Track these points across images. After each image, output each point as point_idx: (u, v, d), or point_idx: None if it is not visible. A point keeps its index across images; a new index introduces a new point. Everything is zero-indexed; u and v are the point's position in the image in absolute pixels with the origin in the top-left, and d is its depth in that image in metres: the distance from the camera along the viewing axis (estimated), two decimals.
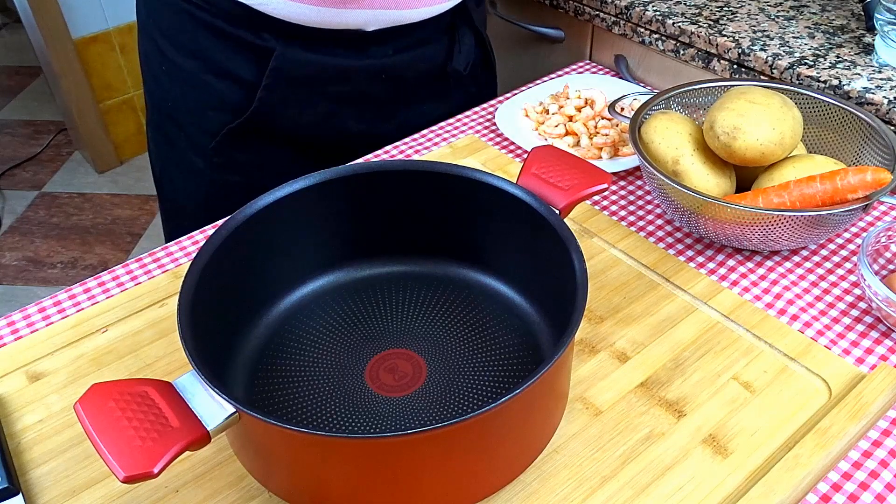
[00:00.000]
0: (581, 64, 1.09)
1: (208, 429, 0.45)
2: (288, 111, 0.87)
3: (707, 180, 0.72)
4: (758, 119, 0.69)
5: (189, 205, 0.94)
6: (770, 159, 0.71)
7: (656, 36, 1.02)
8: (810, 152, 0.79)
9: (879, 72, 0.87)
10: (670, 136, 0.73)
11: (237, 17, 0.81)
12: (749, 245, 0.72)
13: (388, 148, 0.90)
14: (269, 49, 0.82)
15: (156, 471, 0.43)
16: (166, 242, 0.99)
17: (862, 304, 0.70)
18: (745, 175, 0.76)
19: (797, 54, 0.91)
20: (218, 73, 0.85)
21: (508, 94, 0.99)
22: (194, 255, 0.61)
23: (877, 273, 0.69)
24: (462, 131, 0.93)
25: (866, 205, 0.67)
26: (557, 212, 0.60)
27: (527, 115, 0.94)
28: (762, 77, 0.92)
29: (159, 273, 0.74)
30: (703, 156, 0.73)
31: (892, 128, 0.83)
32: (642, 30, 1.04)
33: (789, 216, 0.67)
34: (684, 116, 0.77)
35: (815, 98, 0.78)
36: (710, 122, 0.72)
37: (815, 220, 0.68)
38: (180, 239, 0.78)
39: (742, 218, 0.68)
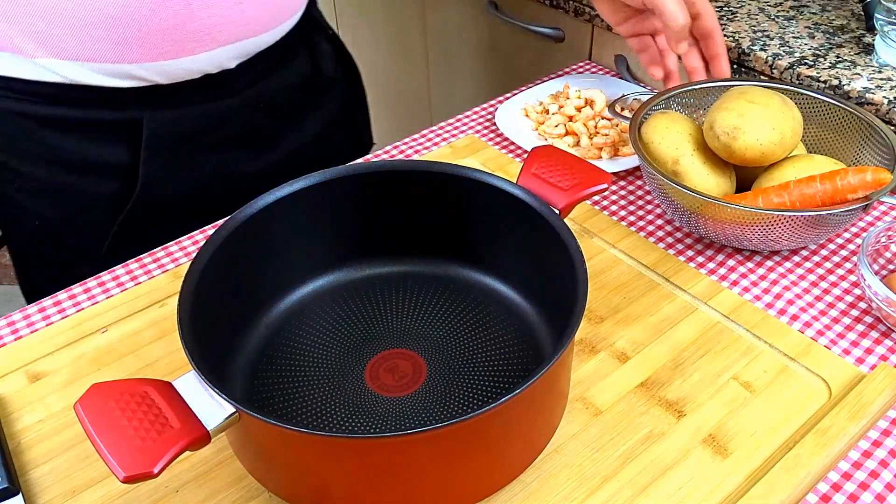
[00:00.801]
0: (581, 64, 1.09)
1: (208, 429, 0.45)
2: (177, 178, 0.79)
3: (707, 180, 0.72)
4: (758, 119, 0.69)
5: None
6: (770, 159, 0.71)
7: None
8: (810, 152, 0.79)
9: (879, 72, 0.87)
10: (670, 136, 0.73)
11: (86, 100, 0.73)
12: (749, 245, 0.72)
13: (387, 148, 0.90)
14: (135, 120, 0.74)
15: (156, 471, 0.43)
16: None
17: (862, 304, 0.70)
18: (745, 175, 0.76)
19: (797, 54, 0.91)
20: (83, 171, 0.76)
21: (508, 94, 0.99)
22: (194, 255, 0.61)
23: (877, 273, 0.69)
24: (462, 131, 0.93)
25: (866, 205, 0.67)
26: (557, 212, 0.60)
27: (527, 115, 0.94)
28: (762, 77, 0.92)
29: (159, 273, 0.74)
30: (703, 156, 0.73)
31: (892, 128, 0.83)
32: None
33: (789, 216, 0.67)
34: (684, 116, 0.77)
35: (815, 98, 0.78)
36: (710, 122, 0.72)
37: (815, 220, 0.68)
38: (180, 239, 0.78)
39: (742, 218, 0.68)
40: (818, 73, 0.88)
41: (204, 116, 0.79)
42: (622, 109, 0.91)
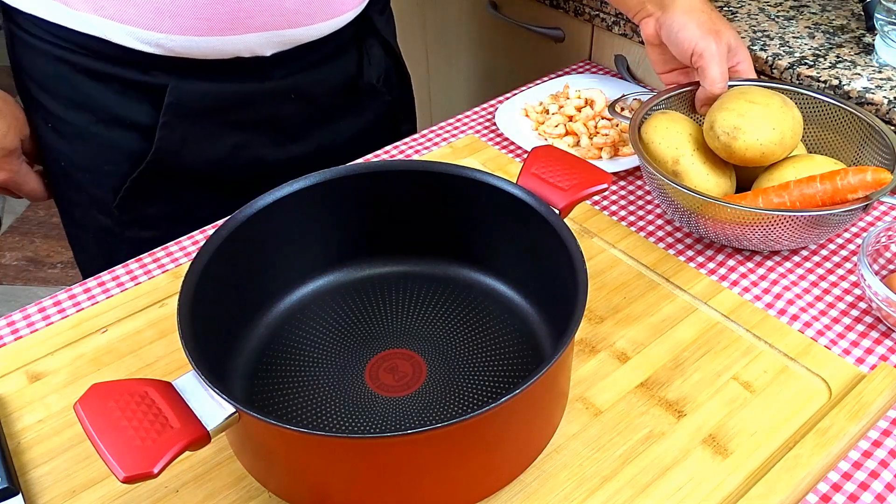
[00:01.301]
0: (581, 64, 1.09)
1: (208, 429, 0.45)
2: (193, 149, 0.80)
3: (707, 180, 0.72)
4: (758, 119, 0.69)
5: (105, 268, 0.78)
6: (770, 159, 0.71)
7: None
8: (810, 152, 0.79)
9: (879, 72, 0.87)
10: (670, 136, 0.73)
11: (118, 58, 0.75)
12: (749, 245, 0.72)
13: (388, 148, 0.90)
14: (161, 85, 0.76)
15: (156, 471, 0.43)
16: None
17: (862, 304, 0.70)
18: (745, 175, 0.76)
19: (797, 54, 0.91)
20: (108, 122, 0.79)
21: (508, 94, 0.99)
22: (194, 255, 0.61)
23: (877, 273, 0.69)
24: (462, 131, 0.93)
25: (866, 205, 0.67)
26: (557, 212, 0.60)
27: (527, 115, 0.94)
28: (762, 77, 0.92)
29: (159, 273, 0.74)
30: (703, 156, 0.73)
31: (892, 128, 0.83)
32: None
33: (789, 216, 0.67)
34: (684, 116, 0.77)
35: (815, 98, 0.78)
36: (710, 122, 0.72)
37: (815, 220, 0.68)
38: (180, 239, 0.78)
39: (742, 218, 0.68)
40: (818, 73, 0.88)
41: (230, 95, 0.80)
42: (622, 109, 0.91)
